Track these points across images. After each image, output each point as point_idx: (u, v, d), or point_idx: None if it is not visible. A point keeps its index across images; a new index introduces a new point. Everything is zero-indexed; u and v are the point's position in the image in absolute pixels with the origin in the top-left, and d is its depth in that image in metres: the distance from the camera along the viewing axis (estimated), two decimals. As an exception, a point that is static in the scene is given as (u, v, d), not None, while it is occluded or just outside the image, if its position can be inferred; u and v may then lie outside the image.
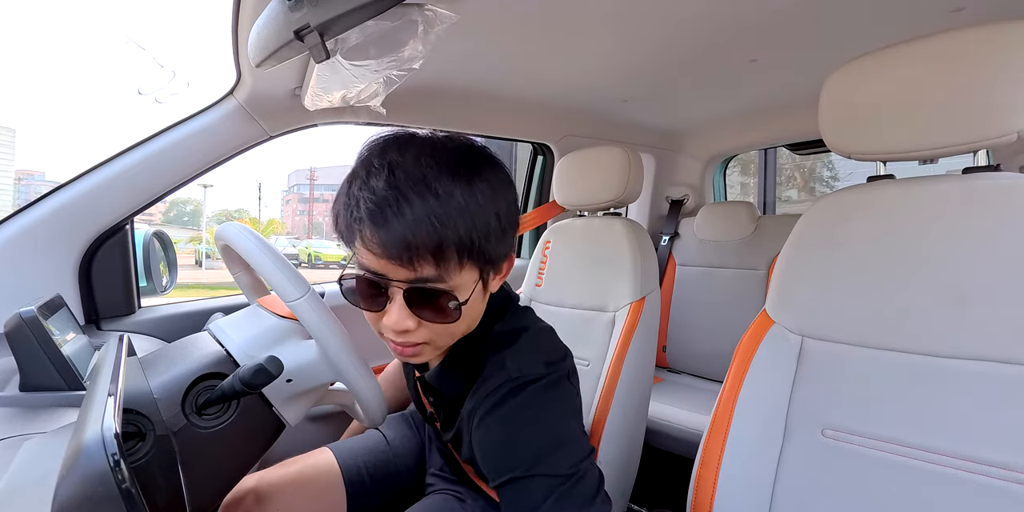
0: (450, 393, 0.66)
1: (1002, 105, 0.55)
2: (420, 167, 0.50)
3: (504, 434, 0.56)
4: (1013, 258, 0.55)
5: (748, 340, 0.73)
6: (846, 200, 0.69)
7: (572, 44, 0.96)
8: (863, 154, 0.66)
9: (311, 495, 0.81)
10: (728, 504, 0.66)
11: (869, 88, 0.63)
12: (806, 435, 0.64)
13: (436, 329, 0.55)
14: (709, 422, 0.71)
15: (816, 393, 0.65)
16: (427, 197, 0.49)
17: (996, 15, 0.87)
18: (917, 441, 0.57)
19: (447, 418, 0.70)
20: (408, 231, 0.48)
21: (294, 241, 31.02)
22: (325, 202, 61.42)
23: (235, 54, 0.86)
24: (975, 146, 0.58)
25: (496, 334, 0.63)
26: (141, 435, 0.50)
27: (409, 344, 0.56)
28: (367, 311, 0.57)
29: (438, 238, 0.49)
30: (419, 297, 0.52)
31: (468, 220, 0.50)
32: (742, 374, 0.71)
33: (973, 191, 0.59)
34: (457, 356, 0.64)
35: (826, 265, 0.68)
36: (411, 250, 0.49)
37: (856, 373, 0.63)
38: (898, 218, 0.63)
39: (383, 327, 0.55)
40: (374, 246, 0.50)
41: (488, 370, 0.60)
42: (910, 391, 0.59)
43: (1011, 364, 0.53)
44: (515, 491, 0.52)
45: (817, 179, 6.44)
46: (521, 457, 0.53)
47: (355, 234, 0.52)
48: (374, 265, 0.52)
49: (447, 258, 0.50)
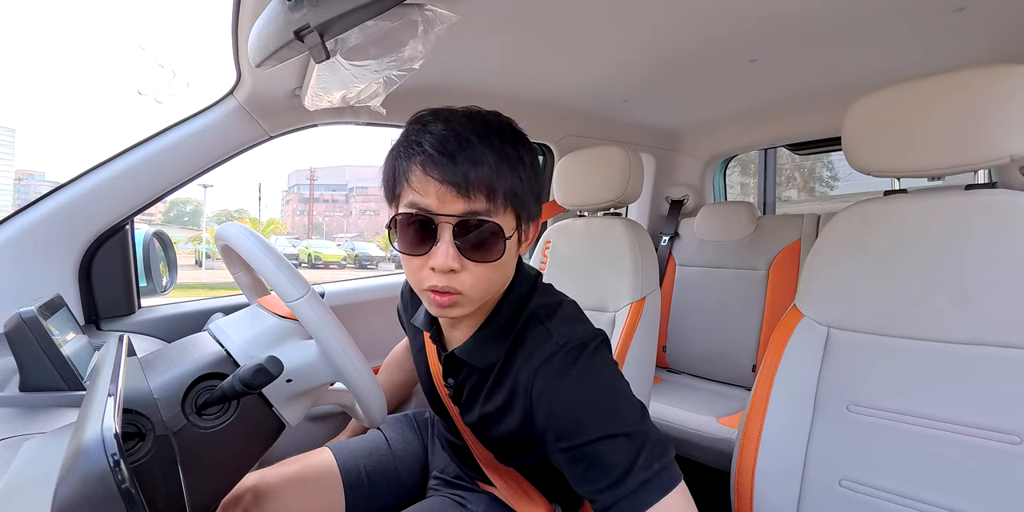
0: (482, 367, 0.66)
1: (998, 133, 0.66)
2: (473, 124, 0.57)
3: (573, 400, 0.57)
4: (1007, 260, 0.66)
5: (780, 331, 0.83)
6: (866, 210, 0.80)
7: (572, 44, 0.96)
8: (881, 171, 0.77)
9: (310, 495, 0.81)
10: (768, 468, 0.77)
11: (887, 116, 0.75)
12: (833, 411, 0.76)
13: (478, 273, 0.57)
14: (749, 400, 0.82)
15: (841, 375, 0.76)
16: (485, 144, 0.55)
17: (996, 15, 0.87)
18: (928, 412, 0.68)
19: (469, 400, 0.70)
20: (469, 165, 0.54)
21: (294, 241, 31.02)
22: (325, 202, 61.39)
23: (235, 54, 0.86)
24: (976, 167, 0.69)
25: (535, 307, 0.65)
26: (141, 435, 0.50)
27: (450, 290, 0.57)
28: (412, 256, 0.58)
29: (492, 178, 0.54)
30: (467, 233, 0.55)
31: (516, 171, 0.57)
32: (776, 360, 0.81)
33: (973, 205, 0.70)
34: (494, 328, 0.65)
35: (849, 266, 0.79)
36: (469, 181, 0.53)
37: (876, 357, 0.74)
38: (910, 226, 0.75)
39: (426, 274, 0.57)
40: (435, 174, 0.54)
41: (533, 342, 0.62)
42: (922, 371, 0.70)
43: (1007, 348, 0.64)
44: (597, 453, 0.54)
45: (817, 179, 6.44)
46: (598, 421, 0.55)
47: (411, 173, 0.56)
48: (426, 201, 0.54)
49: (496, 197, 0.55)
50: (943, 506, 0.66)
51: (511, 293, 0.66)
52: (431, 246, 0.56)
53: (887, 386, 0.72)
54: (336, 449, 0.88)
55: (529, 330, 0.63)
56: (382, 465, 0.87)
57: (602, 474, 0.53)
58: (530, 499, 0.77)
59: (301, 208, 61.56)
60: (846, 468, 0.73)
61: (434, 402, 0.80)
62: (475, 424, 0.70)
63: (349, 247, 27.64)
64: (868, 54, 1.04)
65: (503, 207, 0.56)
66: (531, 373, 0.60)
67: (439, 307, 0.59)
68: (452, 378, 0.72)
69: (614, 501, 0.52)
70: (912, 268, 0.73)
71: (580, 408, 0.56)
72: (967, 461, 0.65)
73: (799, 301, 0.84)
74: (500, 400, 0.65)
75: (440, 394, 0.76)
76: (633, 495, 0.51)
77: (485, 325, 0.66)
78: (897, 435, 0.70)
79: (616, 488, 0.52)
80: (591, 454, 0.54)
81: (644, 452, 0.53)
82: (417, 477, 0.90)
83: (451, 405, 0.75)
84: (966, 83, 0.68)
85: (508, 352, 0.64)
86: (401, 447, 0.91)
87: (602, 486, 0.53)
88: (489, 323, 0.66)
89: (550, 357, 0.59)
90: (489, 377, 0.66)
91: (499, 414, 0.66)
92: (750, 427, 0.80)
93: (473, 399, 0.69)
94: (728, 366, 1.65)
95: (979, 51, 1.00)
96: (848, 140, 0.79)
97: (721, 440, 1.29)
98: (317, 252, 23.99)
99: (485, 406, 0.67)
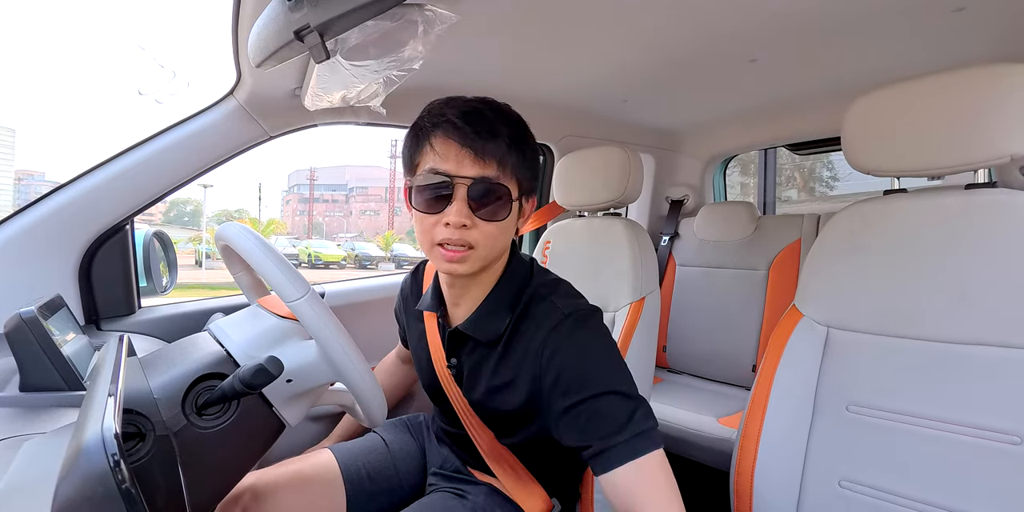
0: (486, 341, 0.71)
1: (997, 133, 0.65)
2: (489, 105, 0.67)
3: (582, 358, 0.64)
4: (1006, 260, 0.66)
5: (780, 331, 0.83)
6: (866, 210, 0.80)
7: (572, 44, 0.96)
8: (880, 171, 0.76)
9: (310, 494, 0.81)
10: (767, 468, 0.77)
11: (887, 116, 0.74)
12: (832, 411, 0.76)
13: (486, 230, 0.64)
14: (749, 400, 0.82)
15: (840, 375, 0.76)
16: (500, 121, 0.65)
17: (996, 15, 0.87)
18: (927, 412, 0.68)
19: (473, 377, 0.74)
20: (487, 135, 0.63)
21: (294, 241, 31.03)
22: (325, 202, 61.42)
23: (235, 54, 0.86)
24: (975, 166, 0.69)
25: (537, 285, 0.73)
26: (141, 435, 0.50)
27: (462, 242, 0.64)
28: (428, 214, 0.65)
29: (504, 150, 0.63)
30: (479, 194, 0.63)
31: (523, 149, 0.66)
32: (776, 360, 0.81)
33: (973, 204, 0.70)
34: (496, 302, 0.72)
35: (849, 266, 0.79)
36: (486, 148, 0.62)
37: (875, 357, 0.74)
38: (910, 226, 0.75)
39: (439, 230, 0.64)
40: (456, 138, 0.62)
41: (540, 315, 0.69)
42: (921, 371, 0.70)
43: (1007, 347, 0.64)
44: (599, 406, 0.61)
45: (817, 179, 6.45)
46: (602, 378, 0.63)
47: (434, 137, 0.64)
48: (445, 165, 0.63)
49: (506, 167, 0.64)
50: (943, 506, 0.66)
51: (510, 271, 0.73)
52: (446, 205, 0.63)
53: (886, 386, 0.72)
54: (336, 449, 0.88)
55: (534, 305, 0.70)
56: (381, 465, 0.88)
57: (601, 424, 0.60)
58: (528, 490, 0.78)
59: (301, 208, 61.57)
60: (846, 468, 0.73)
61: (434, 391, 0.82)
62: (480, 400, 0.74)
63: (349, 247, 27.69)
64: (868, 54, 1.04)
65: (511, 177, 0.65)
66: (542, 340, 0.66)
67: (448, 262, 0.65)
68: (455, 358, 0.76)
69: (611, 445, 0.58)
70: (912, 268, 0.73)
71: (586, 365, 0.64)
72: (966, 461, 0.65)
73: (799, 301, 0.84)
74: (508, 371, 0.70)
75: (441, 378, 0.78)
76: (627, 443, 0.58)
77: (487, 300, 0.72)
78: (896, 435, 0.70)
79: (614, 436, 0.59)
80: (592, 407, 0.61)
81: (639, 412, 0.61)
82: (416, 477, 0.90)
83: (453, 388, 0.77)
84: (966, 82, 0.68)
85: (513, 326, 0.70)
86: (398, 448, 0.91)
87: (601, 434, 0.59)
88: (491, 298, 0.72)
89: (558, 325, 0.66)
90: (494, 350, 0.71)
91: (507, 385, 0.70)
92: (749, 427, 0.81)
93: (477, 375, 0.73)
94: (728, 366, 1.65)
95: (979, 51, 1.00)
96: (848, 140, 0.79)
97: (721, 440, 1.29)
98: (317, 252, 23.99)
99: (493, 379, 0.71)
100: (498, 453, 0.78)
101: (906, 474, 0.69)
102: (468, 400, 0.76)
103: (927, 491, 0.67)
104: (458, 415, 0.79)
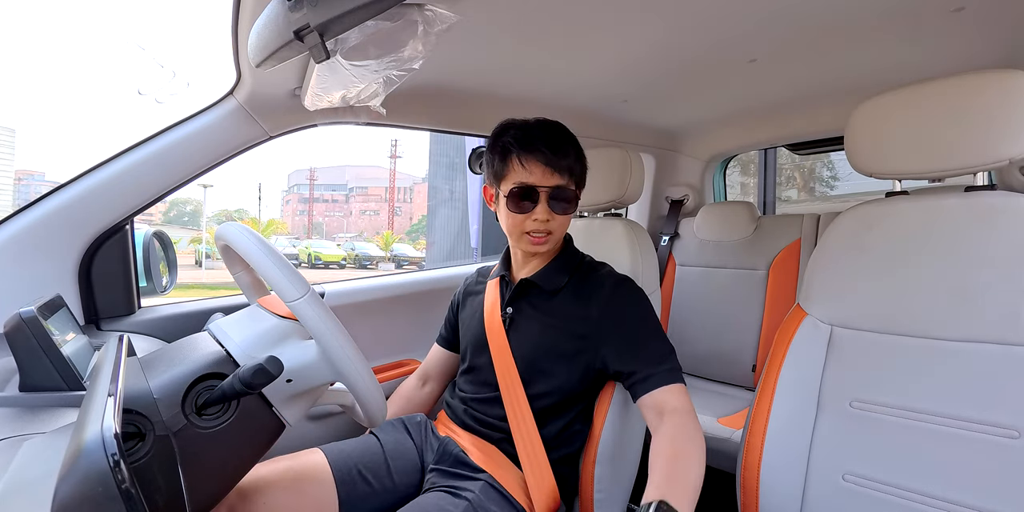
0: (549, 289, 0.91)
1: (998, 137, 0.68)
2: (558, 129, 0.90)
3: (642, 308, 0.87)
4: (1005, 260, 0.68)
5: (785, 329, 0.85)
6: (868, 212, 0.82)
7: (572, 44, 0.96)
8: (883, 173, 0.78)
9: (300, 493, 0.80)
10: (773, 463, 0.80)
11: (889, 120, 0.77)
12: (836, 407, 0.78)
13: (560, 221, 0.88)
14: (755, 397, 0.85)
15: (844, 372, 0.78)
16: (567, 143, 0.88)
17: (995, 15, 0.87)
18: (929, 408, 0.70)
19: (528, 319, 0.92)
20: (562, 155, 0.86)
21: (294, 241, 31.01)
22: (325, 202, 61.37)
23: (235, 54, 0.86)
24: (975, 169, 0.71)
25: (589, 258, 0.98)
26: (141, 435, 0.50)
27: (545, 230, 0.87)
28: (518, 213, 0.87)
29: (572, 165, 0.87)
30: (556, 197, 0.86)
31: (581, 161, 0.91)
32: (780, 357, 0.83)
33: (972, 206, 0.72)
34: (560, 263, 0.94)
35: (852, 266, 0.81)
36: (560, 164, 0.85)
37: (878, 355, 0.76)
38: (911, 227, 0.77)
39: (527, 225, 0.87)
40: (542, 160, 0.84)
41: (603, 275, 0.91)
42: (923, 368, 0.72)
43: (1006, 345, 0.66)
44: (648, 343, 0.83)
45: (817, 179, 6.44)
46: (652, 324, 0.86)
47: (524, 158, 0.85)
48: (532, 178, 0.85)
49: (574, 177, 0.89)
50: (944, 498, 0.67)
51: (567, 246, 0.97)
52: (533, 206, 0.86)
53: (889, 383, 0.74)
54: (327, 449, 0.88)
55: (592, 271, 0.93)
56: (375, 464, 0.87)
57: (647, 354, 0.81)
58: (524, 487, 0.82)
59: (301, 208, 61.54)
60: (849, 463, 0.75)
61: (476, 345, 0.96)
62: (527, 341, 0.90)
63: (349, 247, 27.65)
64: (867, 54, 1.04)
65: (575, 182, 0.89)
66: (610, 290, 0.88)
67: (535, 245, 0.89)
68: (512, 306, 0.94)
69: (654, 373, 0.78)
70: (913, 268, 0.75)
71: (644, 314, 0.86)
72: (967, 455, 0.67)
73: (802, 300, 0.86)
74: (562, 314, 0.89)
75: (489, 329, 0.93)
76: (666, 374, 0.79)
77: (553, 261, 0.94)
78: (898, 430, 0.72)
79: (657, 365, 0.79)
80: (644, 343, 0.83)
81: (672, 355, 0.82)
82: (412, 477, 0.89)
83: (499, 338, 0.91)
84: (966, 88, 0.70)
85: (574, 281, 0.91)
86: (394, 447, 0.91)
87: (647, 363, 0.80)
88: (556, 261, 0.94)
89: (620, 283, 0.89)
90: (551, 299, 0.91)
91: (557, 326, 0.88)
92: (755, 423, 0.83)
93: (531, 320, 0.92)
94: (728, 366, 1.65)
95: (978, 51, 1.00)
96: (851, 143, 0.81)
97: (721, 440, 1.29)
98: (317, 252, 23.98)
99: (546, 320, 0.90)
100: (521, 415, 0.86)
101: (907, 468, 0.70)
102: (516, 342, 0.90)
103: (928, 484, 0.69)
104: (495, 370, 0.89)
